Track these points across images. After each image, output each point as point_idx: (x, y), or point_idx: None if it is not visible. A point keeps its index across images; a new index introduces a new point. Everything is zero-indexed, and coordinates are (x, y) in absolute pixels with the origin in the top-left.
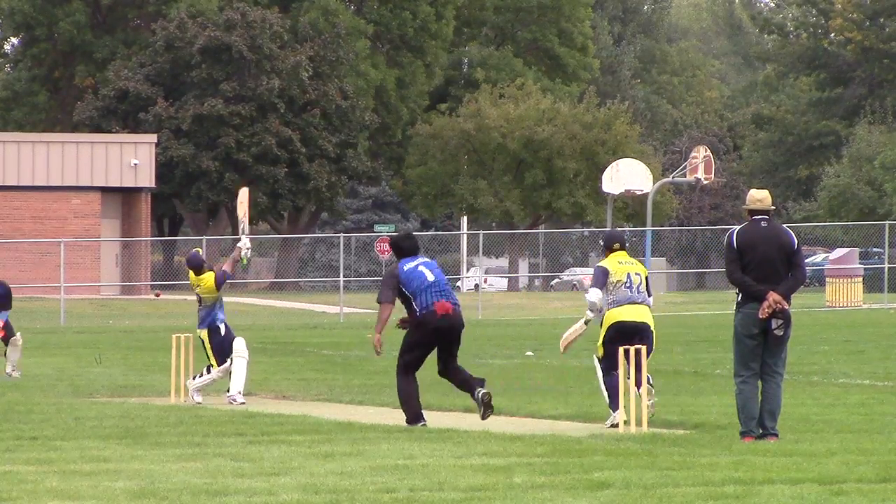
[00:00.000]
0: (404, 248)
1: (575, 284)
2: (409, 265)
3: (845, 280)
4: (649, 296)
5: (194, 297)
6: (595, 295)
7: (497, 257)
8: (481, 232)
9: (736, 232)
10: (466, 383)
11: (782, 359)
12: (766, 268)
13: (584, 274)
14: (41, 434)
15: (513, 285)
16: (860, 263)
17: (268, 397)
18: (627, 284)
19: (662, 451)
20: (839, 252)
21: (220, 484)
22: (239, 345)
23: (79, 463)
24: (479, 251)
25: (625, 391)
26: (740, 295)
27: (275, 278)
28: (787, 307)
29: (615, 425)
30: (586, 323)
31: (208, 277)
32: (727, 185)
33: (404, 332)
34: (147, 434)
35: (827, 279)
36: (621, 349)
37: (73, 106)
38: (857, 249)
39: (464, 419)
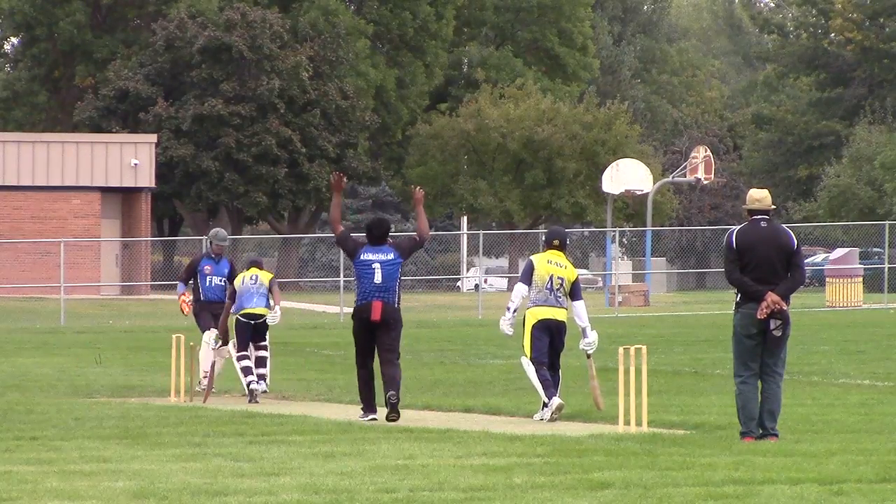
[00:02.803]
0: (371, 234)
1: None
2: (367, 256)
3: (845, 280)
4: (578, 299)
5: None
6: (522, 290)
7: (497, 257)
8: (481, 232)
9: (735, 232)
10: (386, 383)
11: (781, 359)
12: (765, 268)
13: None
14: (41, 434)
15: (513, 285)
16: (860, 263)
17: (268, 397)
18: (548, 286)
19: (662, 451)
20: (839, 252)
21: (220, 484)
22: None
23: (79, 463)
24: (479, 251)
25: (625, 391)
26: (739, 295)
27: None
28: (785, 308)
29: (560, 407)
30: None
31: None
32: (727, 185)
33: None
34: (147, 434)
35: (827, 279)
36: (621, 349)
37: (73, 106)
38: (857, 249)
39: (464, 419)
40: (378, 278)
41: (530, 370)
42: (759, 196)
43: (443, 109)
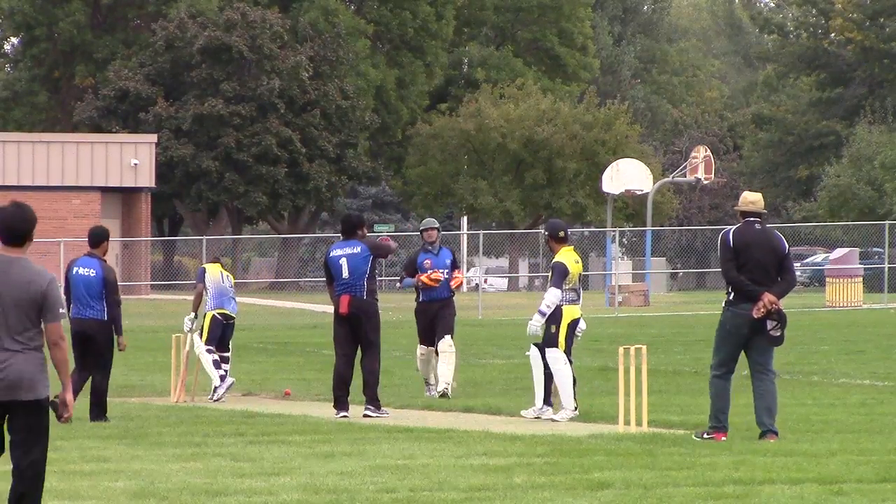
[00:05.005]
0: (342, 229)
1: None
2: (334, 252)
3: (845, 280)
4: None
5: (192, 298)
6: (559, 295)
7: (497, 257)
8: (481, 232)
9: (732, 232)
10: (366, 387)
11: (772, 357)
12: (759, 270)
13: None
14: None
15: (513, 285)
16: (860, 263)
17: (268, 397)
18: (577, 285)
19: (662, 451)
20: (839, 252)
21: (220, 484)
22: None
23: (79, 463)
24: (479, 251)
25: (625, 391)
26: (732, 293)
27: (275, 278)
28: (781, 308)
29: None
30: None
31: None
32: (727, 185)
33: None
34: (147, 434)
35: (827, 279)
36: (622, 349)
37: (73, 106)
38: (857, 249)
39: (464, 419)
40: (345, 273)
41: (566, 369)
42: (753, 199)
43: (443, 109)
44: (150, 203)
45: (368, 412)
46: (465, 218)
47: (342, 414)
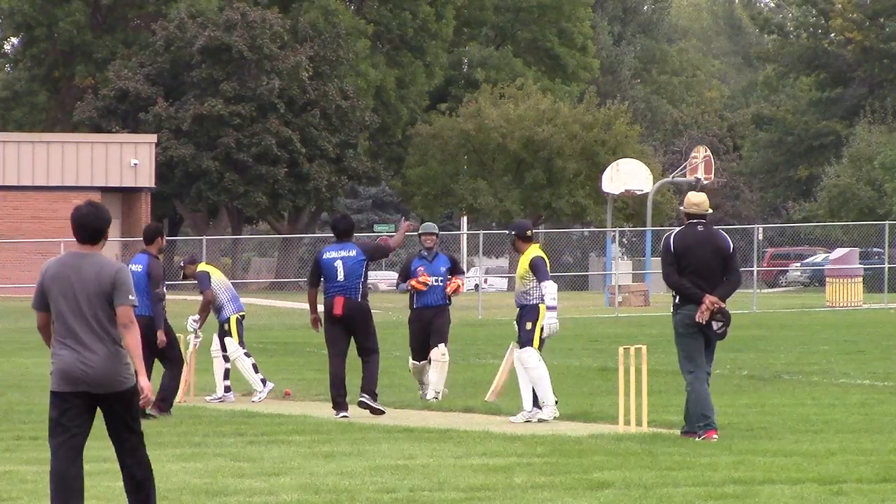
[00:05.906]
0: (335, 231)
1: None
2: (329, 254)
3: (845, 280)
4: None
5: (193, 298)
6: (555, 287)
7: (497, 257)
8: (481, 232)
9: (673, 236)
10: (365, 381)
11: (713, 356)
12: (703, 271)
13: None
14: (41, 434)
15: (513, 285)
16: (860, 263)
17: (268, 397)
18: None
19: (662, 451)
20: (839, 252)
21: (220, 484)
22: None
23: None
24: (479, 251)
25: (625, 391)
26: (677, 297)
27: (275, 278)
28: (724, 306)
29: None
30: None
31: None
32: (727, 185)
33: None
34: (147, 434)
35: (827, 279)
36: (622, 349)
37: (73, 106)
38: (857, 249)
39: (464, 419)
40: (340, 275)
41: (542, 366)
42: (697, 200)
43: (443, 109)
44: (150, 203)
45: (364, 399)
46: (465, 218)
47: (342, 414)
